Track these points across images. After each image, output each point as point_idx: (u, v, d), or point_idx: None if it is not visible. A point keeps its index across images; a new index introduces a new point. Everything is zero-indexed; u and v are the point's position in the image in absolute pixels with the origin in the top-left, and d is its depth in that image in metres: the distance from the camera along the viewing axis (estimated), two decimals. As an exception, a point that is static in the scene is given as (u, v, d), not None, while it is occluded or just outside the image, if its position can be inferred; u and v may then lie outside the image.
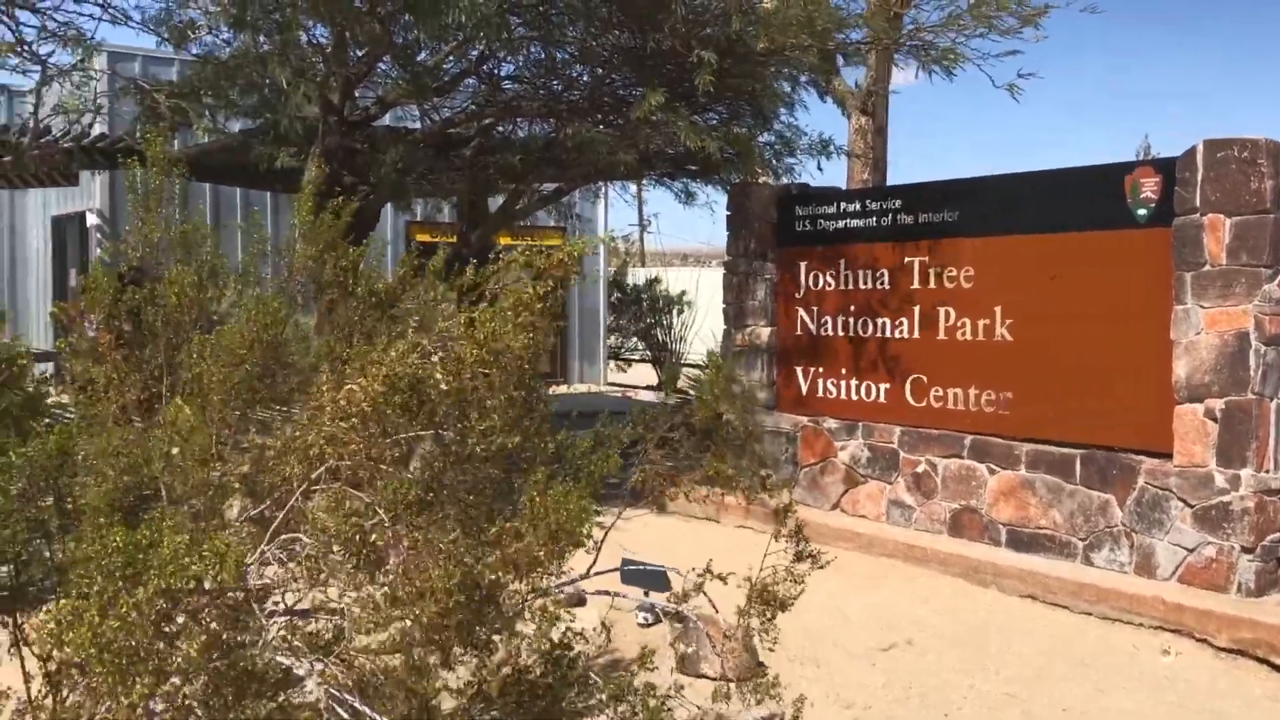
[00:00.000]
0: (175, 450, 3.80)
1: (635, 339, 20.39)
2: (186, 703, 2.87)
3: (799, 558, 3.93)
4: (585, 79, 10.13)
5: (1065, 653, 6.07)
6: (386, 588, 3.06)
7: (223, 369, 3.62)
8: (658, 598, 6.03)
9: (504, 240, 15.40)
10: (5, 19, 9.57)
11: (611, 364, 20.31)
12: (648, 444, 4.50)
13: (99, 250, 16.93)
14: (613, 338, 20.38)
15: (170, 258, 3.81)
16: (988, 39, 8.87)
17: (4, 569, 3.65)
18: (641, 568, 5.80)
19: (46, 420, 4.08)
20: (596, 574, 4.11)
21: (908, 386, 8.32)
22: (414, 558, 2.96)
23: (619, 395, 17.56)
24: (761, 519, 8.45)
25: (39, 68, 9.46)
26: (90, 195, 16.63)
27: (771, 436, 9.18)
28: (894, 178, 14.86)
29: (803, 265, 9.09)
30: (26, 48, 8.84)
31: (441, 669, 3.46)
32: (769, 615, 3.91)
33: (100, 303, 3.49)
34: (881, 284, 8.50)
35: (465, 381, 2.55)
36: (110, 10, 9.92)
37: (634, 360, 20.61)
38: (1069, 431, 7.34)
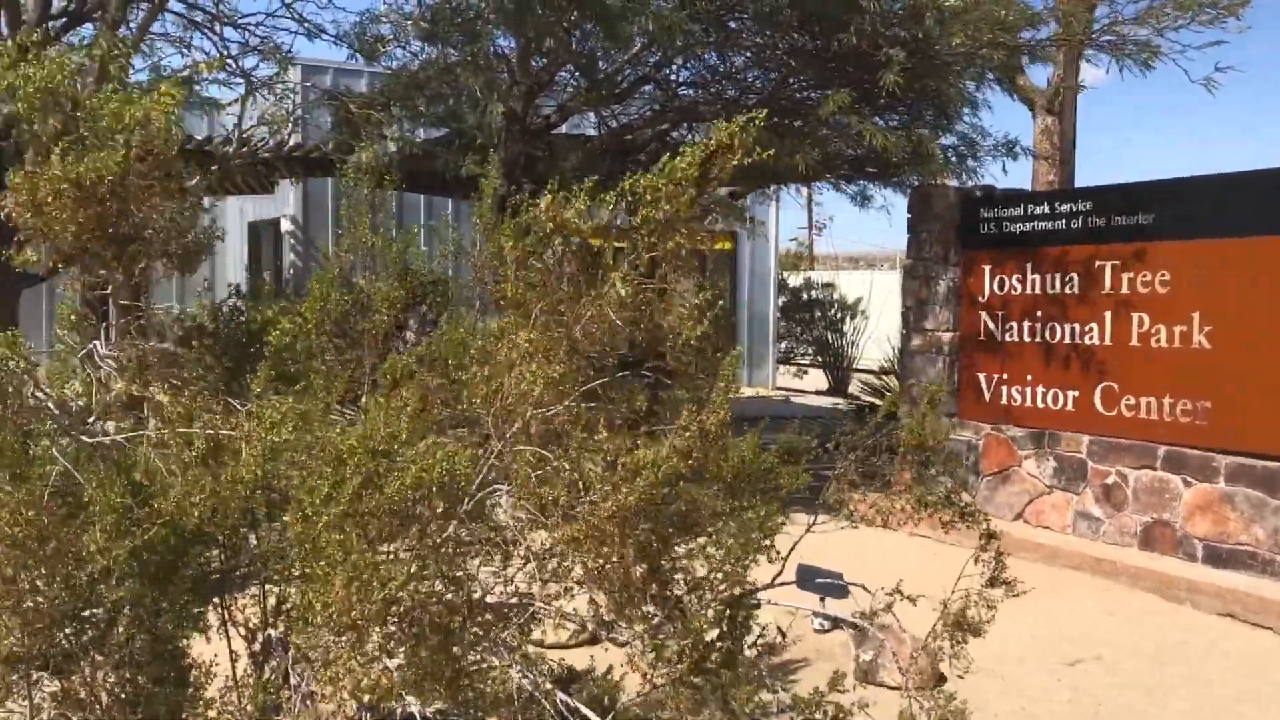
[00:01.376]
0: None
1: (805, 343, 20.22)
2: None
3: (993, 583, 3.85)
4: (762, 82, 10.11)
5: (1269, 676, 5.75)
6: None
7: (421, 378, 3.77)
8: (834, 604, 6.01)
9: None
10: (212, 35, 10.17)
11: (780, 368, 20.19)
12: (837, 454, 4.47)
13: (292, 255, 17.79)
14: (782, 343, 20.26)
15: (379, 263, 3.97)
16: (1187, 30, 8.46)
17: (215, 553, 3.88)
18: (817, 575, 5.76)
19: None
20: (768, 585, 4.10)
21: (1097, 394, 8.02)
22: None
23: (788, 400, 17.45)
24: (936, 528, 8.29)
25: (243, 81, 10.03)
26: (285, 202, 17.46)
27: (951, 444, 8.98)
28: (1080, 179, 14.35)
29: (986, 268, 8.86)
30: (232, 61, 9.37)
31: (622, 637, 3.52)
32: (960, 639, 3.84)
33: (317, 307, 3.67)
34: (1070, 288, 8.22)
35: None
36: (306, 25, 10.44)
37: (804, 365, 20.44)
38: (1274, 444, 6.95)
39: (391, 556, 3.08)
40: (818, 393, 18.45)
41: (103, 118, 3.16)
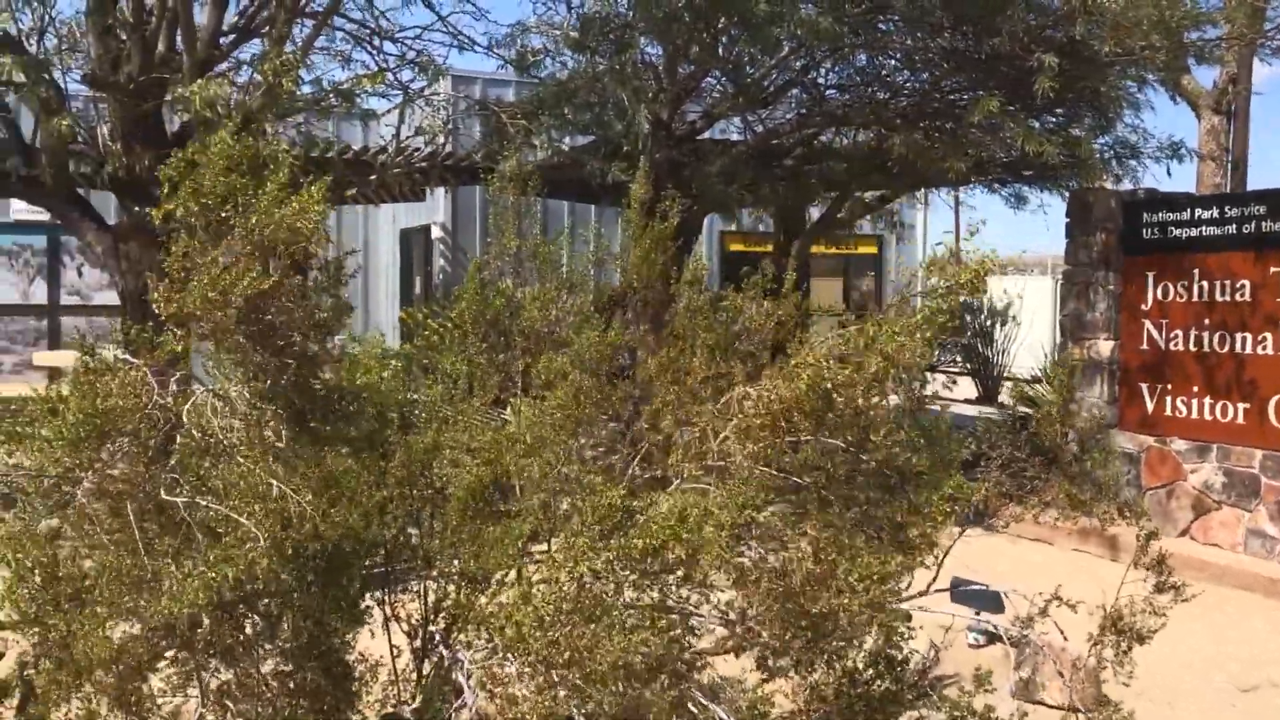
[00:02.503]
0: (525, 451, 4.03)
1: (953, 351, 19.76)
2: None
3: (1159, 589, 3.69)
4: (911, 85, 9.93)
5: None
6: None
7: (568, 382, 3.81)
8: (990, 618, 5.84)
9: (818, 248, 15.34)
10: (371, 49, 10.50)
11: (927, 376, 19.75)
12: (991, 464, 4.36)
13: (441, 260, 18.23)
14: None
15: (529, 269, 4.04)
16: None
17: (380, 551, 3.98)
18: (973, 588, 5.61)
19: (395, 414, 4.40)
20: (921, 593, 4.01)
21: (1271, 407, 7.62)
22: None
23: (936, 408, 17.06)
24: (1098, 542, 7.99)
25: (400, 93, 10.32)
26: (435, 210, 17.89)
27: (1111, 456, 8.65)
28: (1252, 182, 13.68)
29: (1150, 275, 8.51)
30: (390, 74, 9.65)
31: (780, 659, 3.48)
32: (1124, 648, 3.69)
33: (470, 311, 3.75)
34: (1241, 296, 7.83)
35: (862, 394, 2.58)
36: (460, 38, 10.68)
37: (952, 372, 19.99)
38: None
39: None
40: (966, 401, 18.03)
41: (254, 212, 3.21)
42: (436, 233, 18.20)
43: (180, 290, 3.11)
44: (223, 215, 3.35)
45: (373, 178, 11.05)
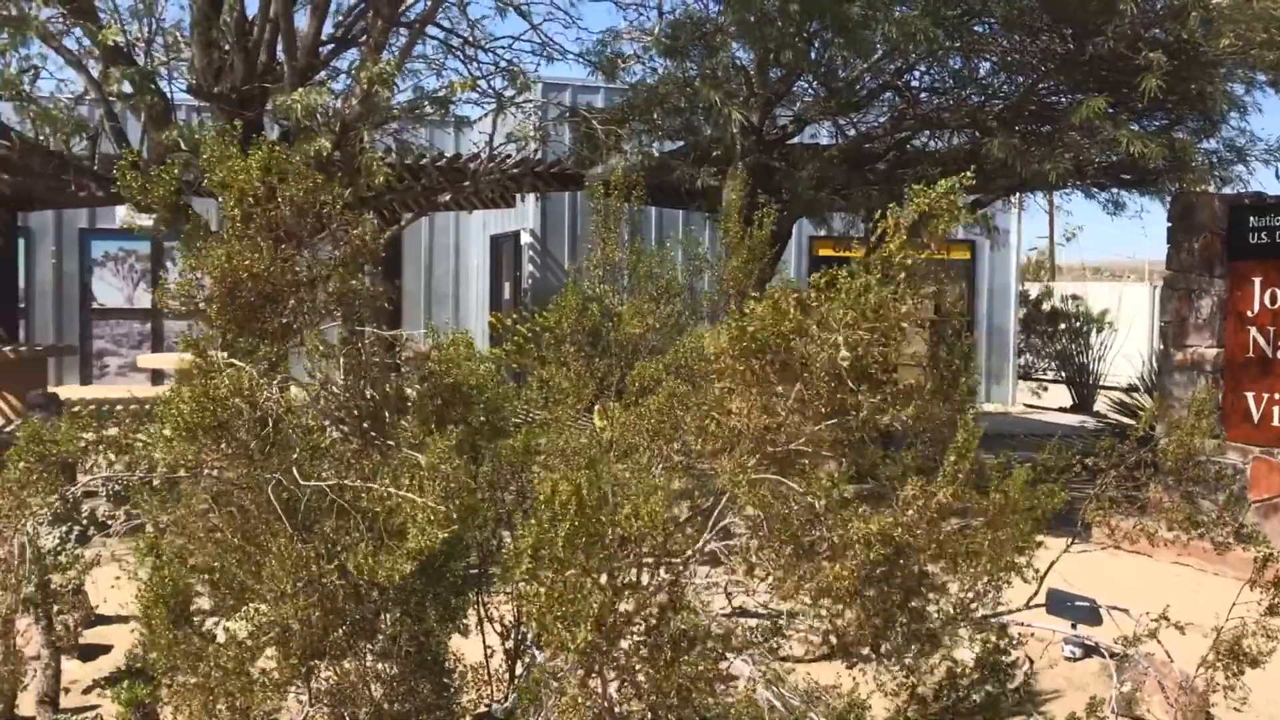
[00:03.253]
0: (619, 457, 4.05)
1: (1047, 358, 19.36)
2: (630, 661, 3.03)
3: (1272, 611, 3.58)
4: (1007, 87, 9.77)
5: None
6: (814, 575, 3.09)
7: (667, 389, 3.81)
8: (1088, 632, 5.71)
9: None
10: (463, 58, 10.65)
11: (1021, 384, 19.41)
12: (1091, 474, 4.26)
13: (530, 266, 18.40)
14: (1023, 357, 19.47)
15: (625, 275, 4.05)
16: None
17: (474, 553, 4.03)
18: (1070, 600, 5.49)
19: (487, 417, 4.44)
20: (1021, 608, 3.93)
21: (1387, 418, 7.34)
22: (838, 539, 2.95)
23: (1030, 417, 16.76)
24: (1200, 556, 7.76)
25: (493, 100, 10.44)
26: (525, 216, 18.05)
27: (1217, 467, 8.40)
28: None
29: (1257, 280, 8.25)
30: (483, 82, 9.78)
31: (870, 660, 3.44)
32: (1234, 670, 3.59)
33: (568, 318, 3.78)
34: (1355, 302, 7.56)
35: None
36: (551, 47, 10.79)
37: (1044, 381, 19.59)
38: None
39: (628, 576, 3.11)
40: (1060, 410, 17.66)
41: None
42: (526, 239, 18.37)
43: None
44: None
45: (466, 184, 11.20)
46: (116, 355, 19.41)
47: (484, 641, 4.26)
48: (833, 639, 3.94)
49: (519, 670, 4.28)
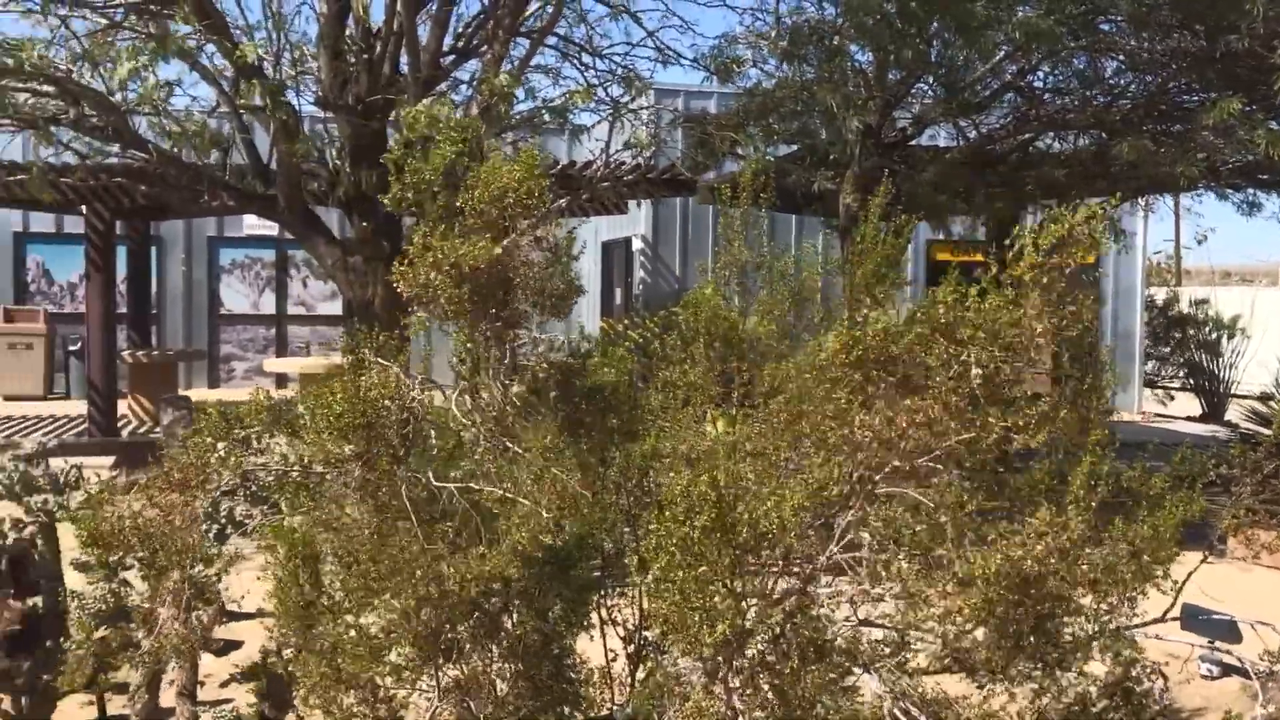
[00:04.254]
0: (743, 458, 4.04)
1: (1175, 365, 18.73)
2: (755, 669, 3.02)
3: None
4: (1135, 87, 9.50)
5: None
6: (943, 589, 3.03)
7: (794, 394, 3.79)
8: (1227, 649, 5.50)
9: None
10: (579, 65, 10.76)
11: (1146, 392, 18.82)
12: (1238, 486, 4.11)
13: (641, 272, 18.49)
14: (1148, 363, 18.87)
15: (756, 281, 4.04)
16: None
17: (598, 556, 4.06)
18: (1206, 615, 5.30)
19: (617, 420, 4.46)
20: (1155, 620, 3.81)
21: None
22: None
23: (1157, 426, 16.25)
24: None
25: (609, 107, 10.53)
26: (636, 222, 18.15)
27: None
28: None
29: (1406, 284, 7.87)
30: (600, 89, 9.87)
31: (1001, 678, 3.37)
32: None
33: (700, 322, 3.79)
34: None
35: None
36: (666, 53, 10.82)
37: (1172, 388, 18.96)
38: None
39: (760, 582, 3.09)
40: (1188, 419, 17.08)
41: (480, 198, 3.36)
42: (637, 245, 18.47)
43: (418, 269, 3.28)
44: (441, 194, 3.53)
45: (583, 192, 11.31)
46: (242, 359, 20.07)
47: (604, 644, 4.29)
48: (958, 657, 3.87)
49: (640, 674, 4.30)
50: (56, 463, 4.86)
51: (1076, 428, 3.40)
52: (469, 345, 3.52)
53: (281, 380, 18.93)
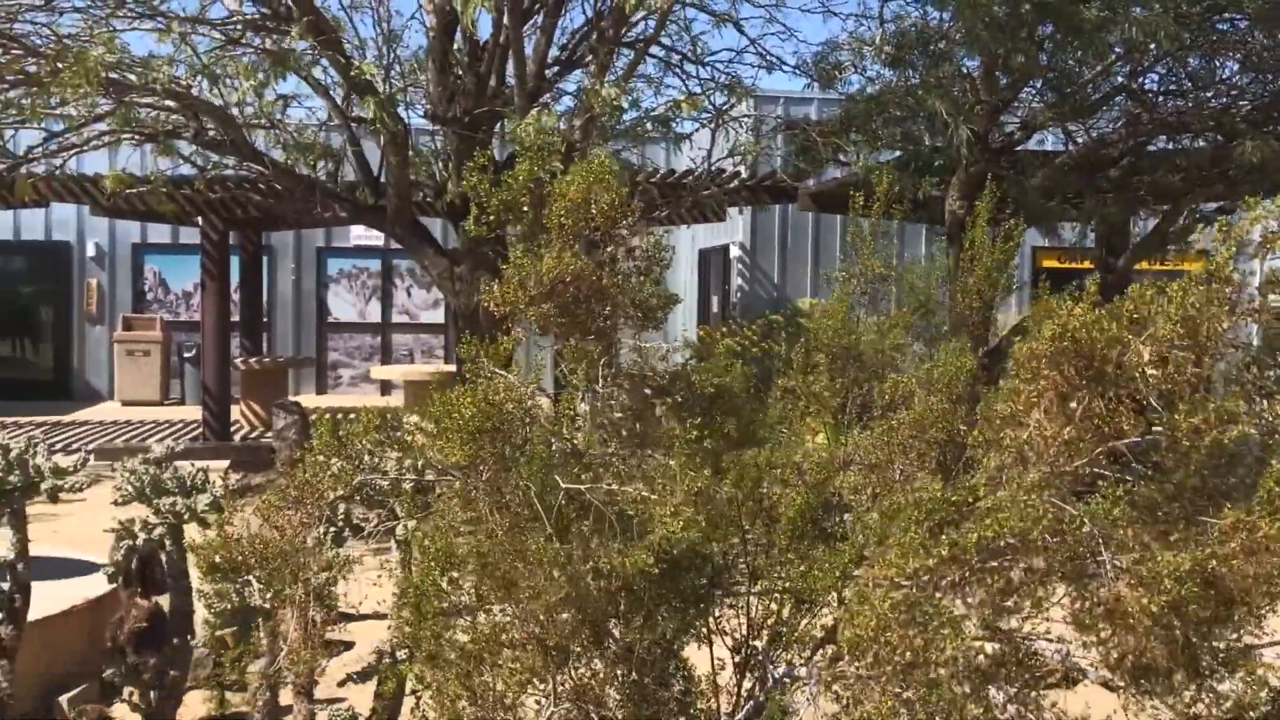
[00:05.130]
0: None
1: (1294, 374, 18.04)
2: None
3: None
4: (1255, 87, 9.21)
5: None
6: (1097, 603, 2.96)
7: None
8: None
9: (1145, 265, 14.44)
10: (682, 74, 10.79)
11: (1263, 401, 18.15)
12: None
13: (739, 280, 18.45)
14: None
15: (883, 291, 4.00)
16: None
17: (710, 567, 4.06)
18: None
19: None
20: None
21: None
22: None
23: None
24: None
25: (708, 114, 10.53)
26: (734, 230, 18.12)
27: None
28: None
29: None
30: (703, 97, 9.89)
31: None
32: None
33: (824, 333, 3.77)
34: None
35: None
36: (769, 59, 10.80)
37: (1291, 398, 18.24)
38: None
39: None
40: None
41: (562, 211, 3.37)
42: (735, 252, 18.44)
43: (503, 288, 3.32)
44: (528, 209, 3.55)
45: (684, 199, 11.34)
46: (349, 366, 20.53)
47: (711, 653, 4.29)
48: (1112, 666, 3.77)
49: (748, 684, 4.29)
50: (183, 466, 5.03)
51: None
52: (576, 354, 3.55)
53: (386, 387, 19.32)
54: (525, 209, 3.60)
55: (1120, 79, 9.45)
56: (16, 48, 8.40)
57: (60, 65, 7.67)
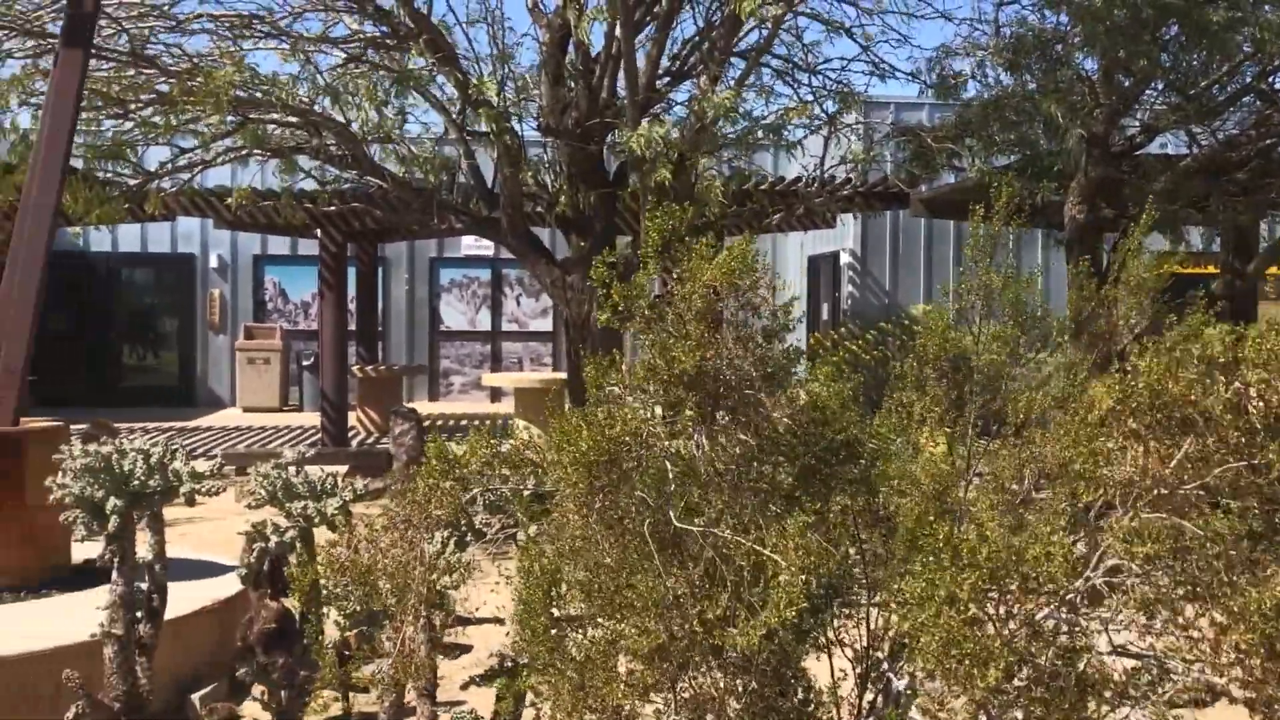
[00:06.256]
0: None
1: None
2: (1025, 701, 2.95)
3: None
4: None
5: None
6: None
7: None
8: None
9: (1274, 271, 13.94)
10: (793, 82, 10.76)
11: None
12: None
13: (849, 287, 18.30)
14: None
15: (1000, 304, 3.93)
16: None
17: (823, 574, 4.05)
18: None
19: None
20: None
21: None
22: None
23: None
24: None
25: (819, 121, 10.48)
26: (844, 236, 17.99)
27: None
28: None
29: None
30: (815, 105, 9.86)
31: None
32: None
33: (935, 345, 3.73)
34: None
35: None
36: (881, 66, 10.70)
37: None
38: None
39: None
40: None
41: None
42: (845, 259, 18.29)
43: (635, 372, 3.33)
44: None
45: (798, 206, 11.31)
46: (460, 374, 20.90)
47: (831, 663, 4.27)
48: (1216, 689, 3.68)
49: (869, 696, 4.26)
50: (313, 470, 5.19)
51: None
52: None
53: (496, 394, 19.60)
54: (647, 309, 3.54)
55: (1248, 79, 9.16)
56: (149, 68, 8.76)
57: (191, 85, 7.99)
